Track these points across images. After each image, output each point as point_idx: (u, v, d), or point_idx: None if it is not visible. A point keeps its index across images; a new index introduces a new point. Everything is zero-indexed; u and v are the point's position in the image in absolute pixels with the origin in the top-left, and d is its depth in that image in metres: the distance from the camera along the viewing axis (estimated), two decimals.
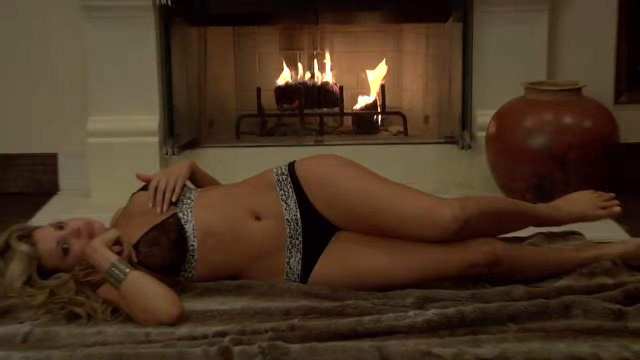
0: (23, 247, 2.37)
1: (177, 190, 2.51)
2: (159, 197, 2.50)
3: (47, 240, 2.40)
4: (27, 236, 2.41)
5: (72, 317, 2.29)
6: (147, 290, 2.25)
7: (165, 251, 2.40)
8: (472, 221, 2.36)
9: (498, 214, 2.46)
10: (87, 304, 2.30)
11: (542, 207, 2.62)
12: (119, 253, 2.33)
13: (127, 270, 2.27)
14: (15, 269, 2.35)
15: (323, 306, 2.30)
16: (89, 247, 2.32)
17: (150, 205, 2.49)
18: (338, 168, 2.50)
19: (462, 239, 2.38)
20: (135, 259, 2.37)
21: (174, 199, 2.50)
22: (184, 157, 3.76)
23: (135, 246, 2.40)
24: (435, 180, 3.74)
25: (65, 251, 2.39)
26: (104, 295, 2.32)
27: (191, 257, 2.44)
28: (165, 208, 2.48)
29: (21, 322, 2.28)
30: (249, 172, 2.67)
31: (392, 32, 4.28)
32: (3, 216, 3.41)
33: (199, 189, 2.61)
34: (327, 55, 4.28)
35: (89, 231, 2.41)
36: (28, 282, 2.36)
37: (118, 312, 2.30)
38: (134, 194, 2.60)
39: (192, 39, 3.97)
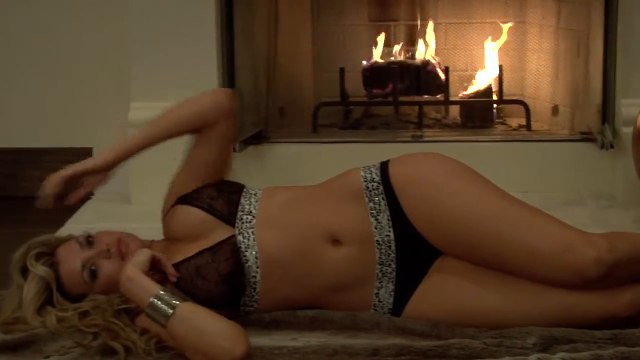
0: (39, 270, 2.41)
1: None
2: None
3: (70, 262, 2.43)
4: (48, 254, 2.45)
5: (108, 352, 2.32)
6: (202, 326, 2.23)
7: (211, 286, 2.41)
8: (621, 267, 2.28)
9: None
10: (123, 334, 2.32)
11: None
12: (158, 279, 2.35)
13: (175, 302, 2.26)
14: (28, 293, 2.40)
15: (420, 345, 2.30)
16: (123, 277, 2.32)
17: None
18: (447, 177, 2.44)
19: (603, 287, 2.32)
20: (174, 279, 2.39)
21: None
22: (248, 154, 3.80)
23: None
24: (566, 187, 3.71)
25: (93, 275, 2.42)
26: (145, 324, 2.34)
27: (252, 289, 2.45)
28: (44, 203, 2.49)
29: (46, 357, 2.33)
30: (328, 175, 2.67)
31: None
32: (25, 226, 3.49)
33: (261, 191, 2.61)
34: (429, 28, 4.27)
35: (122, 250, 2.42)
36: (43, 308, 2.41)
37: (163, 345, 2.32)
38: (177, 202, 2.59)
39: (260, 7, 4.01)
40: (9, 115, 4.04)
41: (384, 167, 2.50)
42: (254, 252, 2.44)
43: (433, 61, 4.23)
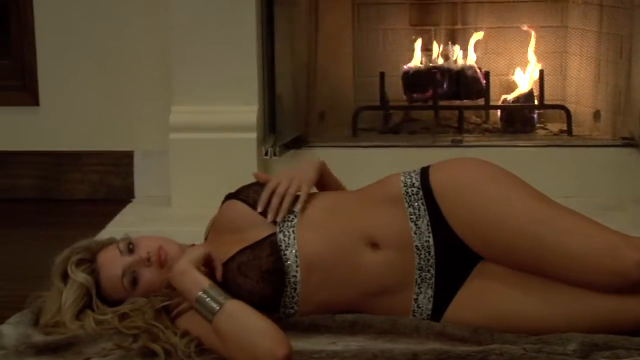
0: (79, 277, 2.44)
1: (302, 197, 2.50)
2: (275, 201, 2.49)
3: (111, 267, 2.46)
4: (89, 260, 2.48)
5: (148, 355, 2.33)
6: (247, 324, 2.25)
7: (252, 284, 2.42)
8: None
9: None
10: (164, 337, 2.34)
11: None
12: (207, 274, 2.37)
13: (223, 298, 2.29)
14: (67, 299, 2.43)
15: (459, 350, 2.29)
16: (175, 269, 2.35)
17: (259, 209, 2.49)
18: (487, 183, 2.44)
19: None
20: (220, 279, 2.40)
21: (295, 209, 2.49)
22: (288, 158, 3.81)
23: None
24: (608, 193, 3.69)
25: (134, 282, 2.45)
26: (185, 326, 2.37)
27: (292, 290, 2.45)
28: (280, 217, 2.48)
29: (87, 359, 2.34)
30: (368, 179, 2.67)
31: (555, 3, 4.23)
32: (65, 229, 3.52)
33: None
34: (471, 33, 4.26)
35: (162, 259, 2.44)
36: (82, 312, 2.44)
37: (203, 348, 2.33)
38: (227, 197, 2.63)
39: (301, 12, 4.02)
40: (51, 118, 4.08)
41: (424, 172, 2.51)
42: (293, 251, 2.45)
43: (474, 66, 4.22)
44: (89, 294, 2.44)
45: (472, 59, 4.24)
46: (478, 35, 4.25)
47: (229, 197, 2.60)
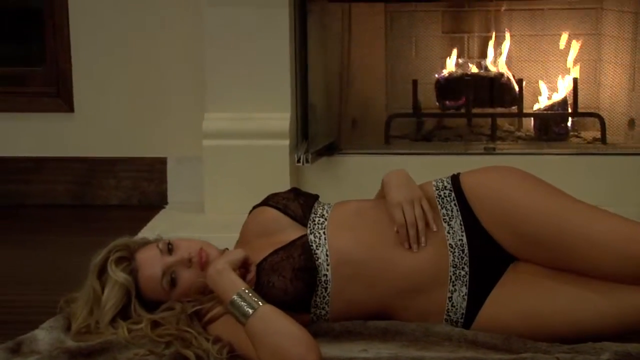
0: (119, 276, 2.45)
1: (429, 215, 2.48)
2: (412, 232, 2.46)
3: (150, 267, 2.46)
4: (128, 259, 2.49)
5: None
6: (279, 329, 2.26)
7: (286, 282, 2.43)
8: None
9: None
10: (196, 343, 2.35)
11: None
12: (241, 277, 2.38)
13: (257, 302, 2.30)
14: (108, 299, 2.45)
15: (491, 359, 2.29)
16: (212, 268, 2.37)
17: (407, 247, 2.46)
18: (515, 182, 2.50)
19: None
20: (253, 283, 2.41)
21: (433, 228, 2.48)
22: (321, 165, 3.81)
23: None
24: None
25: (173, 282, 2.45)
26: (217, 333, 2.38)
27: (323, 290, 2.47)
28: (423, 242, 2.45)
29: None
30: None
31: (588, 10, 4.21)
32: (99, 235, 3.52)
33: (334, 203, 2.63)
34: (504, 40, 4.25)
35: (203, 260, 2.45)
36: (120, 315, 2.45)
37: (234, 354, 2.34)
38: (253, 208, 2.65)
39: (333, 19, 4.02)
40: (85, 124, 4.10)
41: (454, 177, 2.57)
42: (324, 250, 2.47)
43: (507, 73, 4.21)
44: (128, 295, 2.45)
45: (505, 67, 4.22)
46: (511, 43, 4.24)
47: (258, 204, 2.64)
